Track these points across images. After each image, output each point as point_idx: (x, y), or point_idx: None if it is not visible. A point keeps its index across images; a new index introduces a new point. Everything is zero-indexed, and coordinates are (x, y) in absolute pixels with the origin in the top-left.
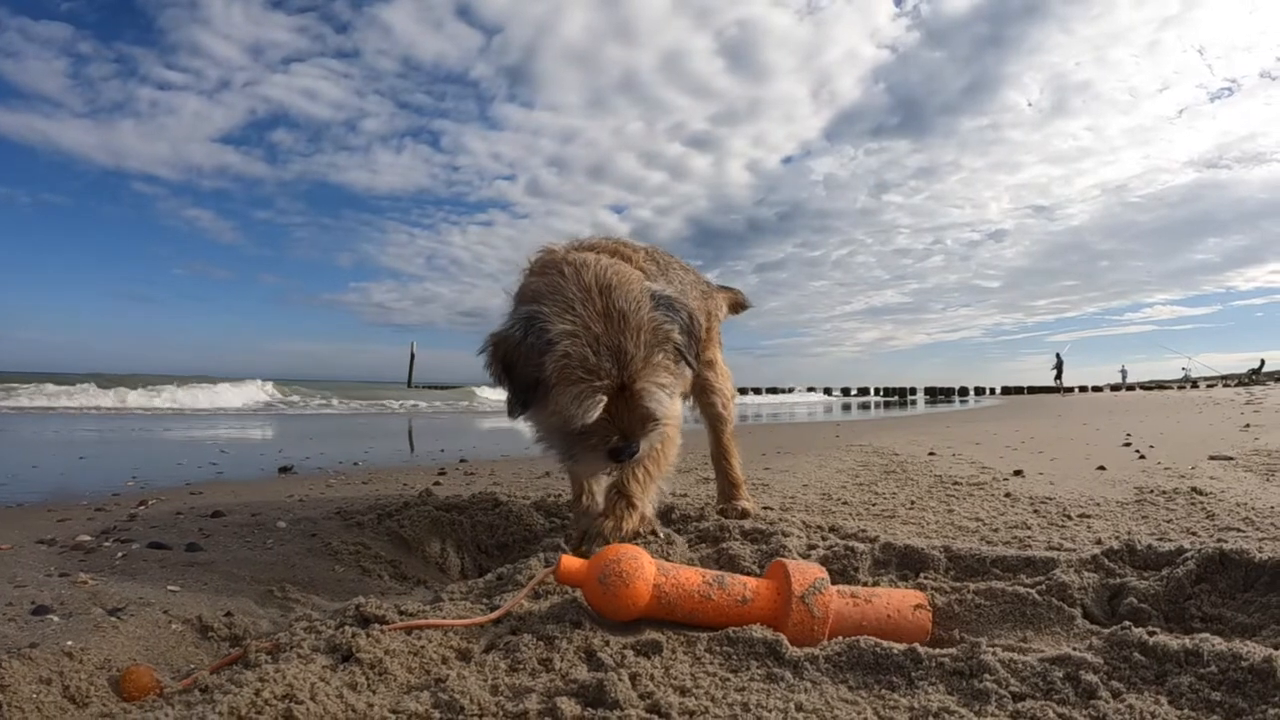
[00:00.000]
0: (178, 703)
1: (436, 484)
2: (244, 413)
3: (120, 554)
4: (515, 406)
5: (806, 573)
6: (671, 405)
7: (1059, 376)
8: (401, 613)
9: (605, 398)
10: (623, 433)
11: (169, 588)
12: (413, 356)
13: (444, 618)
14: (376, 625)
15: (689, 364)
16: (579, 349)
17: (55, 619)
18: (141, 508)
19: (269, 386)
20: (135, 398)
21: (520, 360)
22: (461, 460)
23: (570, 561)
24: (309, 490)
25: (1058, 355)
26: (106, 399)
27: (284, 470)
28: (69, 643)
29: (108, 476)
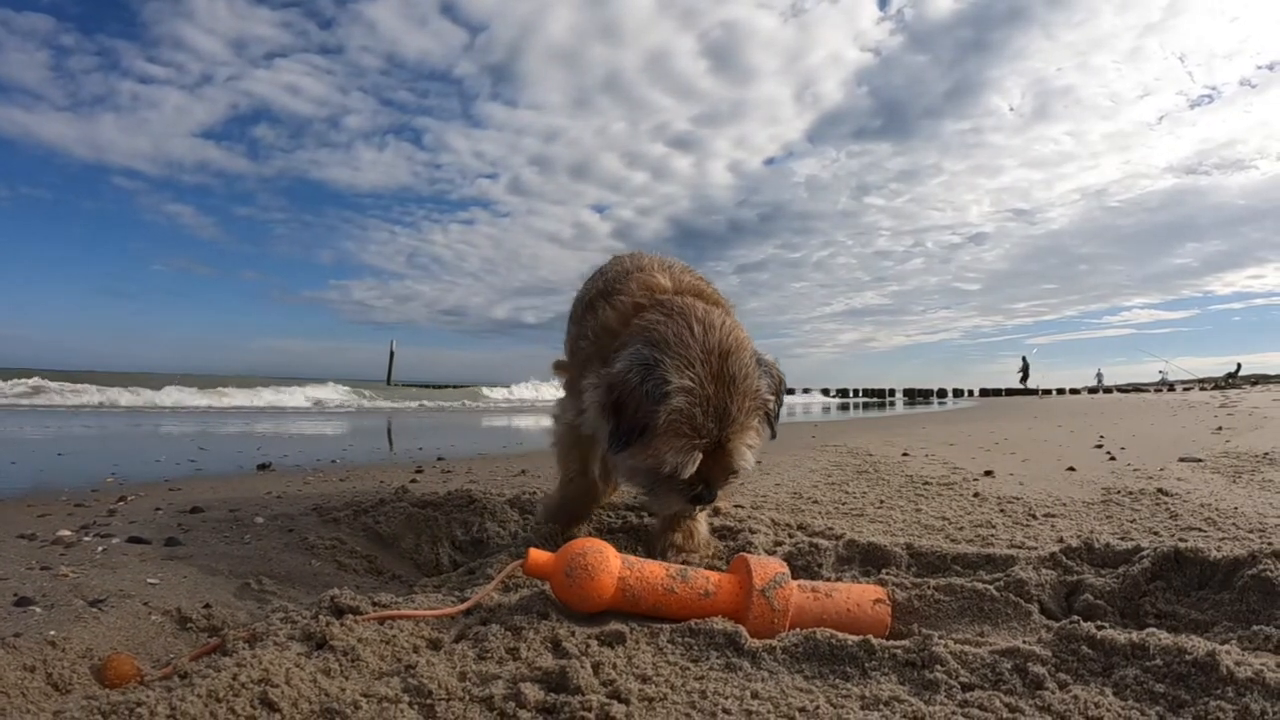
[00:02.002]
0: (158, 688)
1: (413, 481)
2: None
3: (100, 548)
4: (616, 442)
5: (767, 567)
6: (752, 461)
7: (1025, 379)
8: (375, 604)
9: (702, 455)
10: (706, 482)
11: (148, 580)
12: (392, 354)
13: (416, 609)
14: (350, 616)
15: (771, 427)
16: (690, 408)
17: (38, 610)
18: (121, 503)
19: (342, 388)
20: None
21: (632, 405)
22: (439, 459)
23: (538, 554)
24: (286, 487)
25: (1024, 358)
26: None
27: (262, 467)
28: (51, 632)
29: (87, 473)
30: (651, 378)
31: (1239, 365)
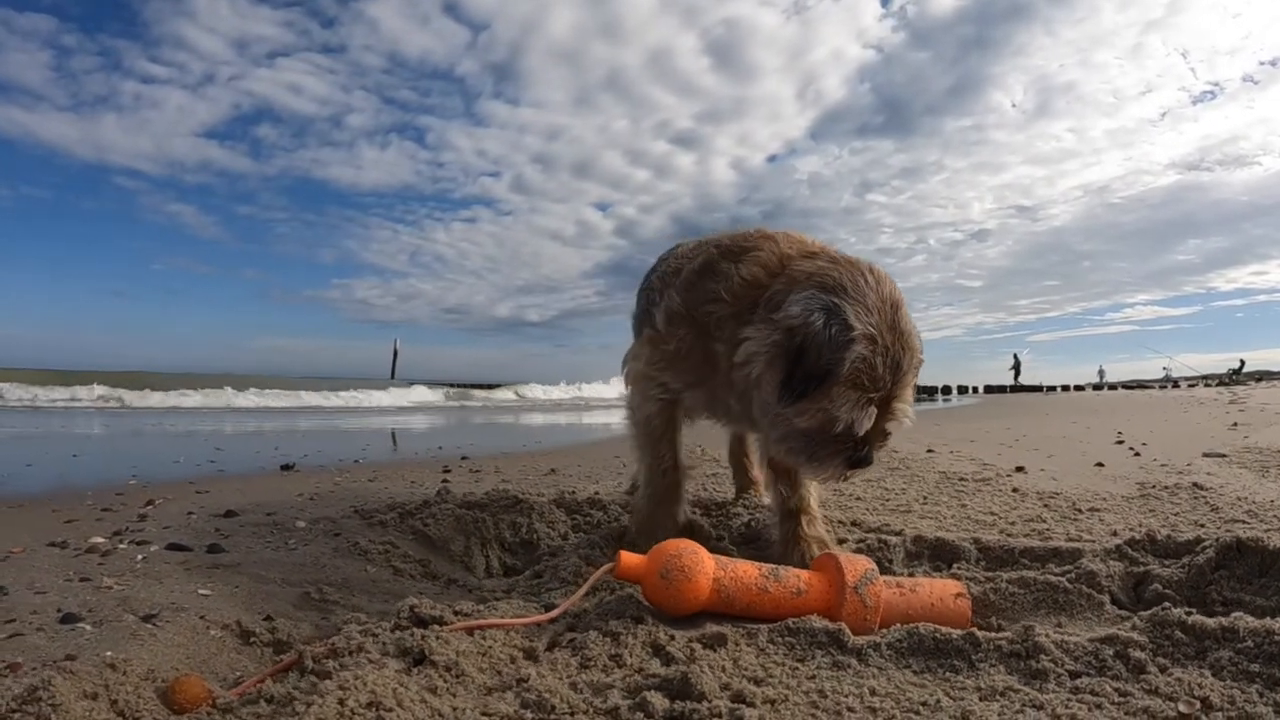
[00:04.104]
0: (247, 715)
1: (445, 481)
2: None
3: (140, 556)
4: (789, 393)
5: (856, 564)
6: (912, 419)
7: (1017, 376)
8: (456, 613)
9: (876, 410)
10: (866, 441)
11: (200, 592)
12: (396, 353)
13: (501, 617)
14: (435, 626)
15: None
16: (872, 356)
17: (87, 628)
18: (150, 507)
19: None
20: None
21: (814, 350)
22: (463, 458)
23: (630, 558)
24: (316, 488)
25: (1015, 356)
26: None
27: (286, 468)
28: (108, 653)
29: (106, 474)
30: (835, 321)
31: (1242, 362)
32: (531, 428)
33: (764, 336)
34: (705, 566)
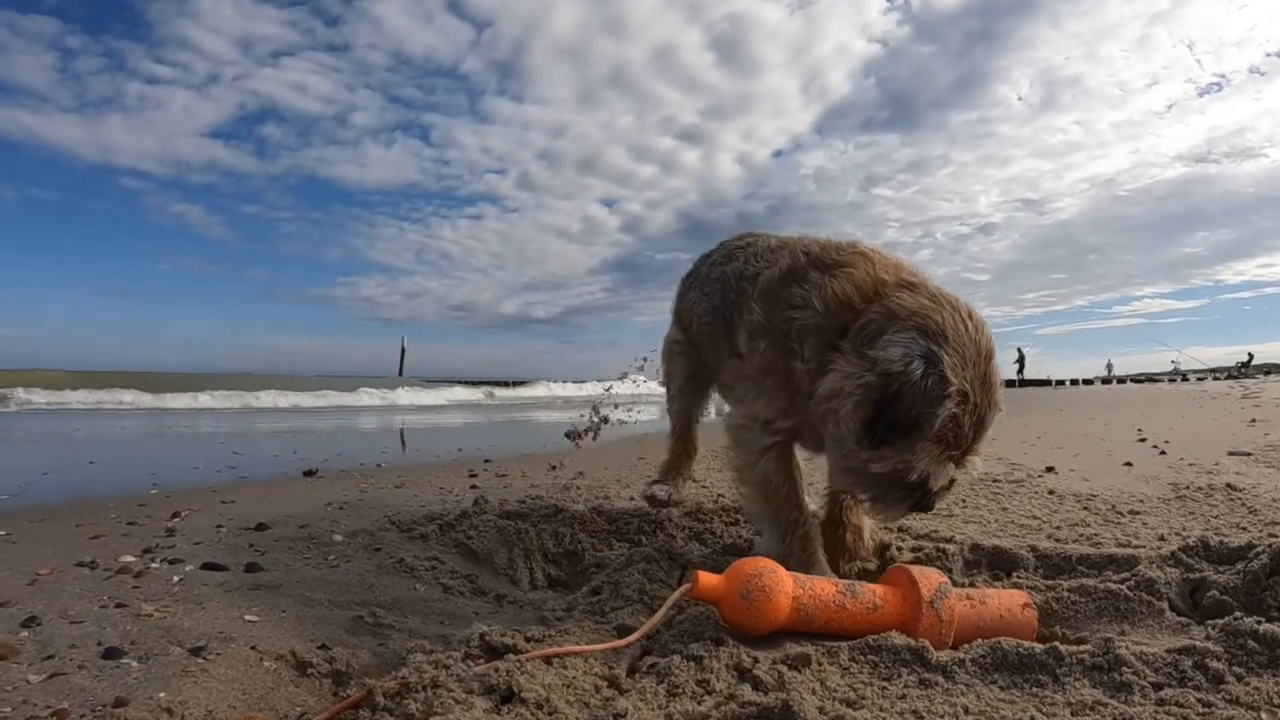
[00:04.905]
0: None
1: (474, 487)
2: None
3: (176, 578)
4: (868, 439)
5: (930, 578)
6: (981, 470)
7: (1021, 370)
8: (528, 639)
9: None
10: (933, 490)
11: (246, 618)
12: (403, 350)
13: (578, 643)
14: (511, 655)
15: None
16: (961, 414)
17: (133, 664)
18: (176, 520)
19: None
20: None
21: (908, 401)
22: (486, 461)
23: (708, 578)
24: (343, 495)
25: (1019, 350)
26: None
27: (309, 474)
28: (161, 694)
29: (126, 482)
30: (933, 373)
31: (1250, 355)
32: (551, 425)
33: (856, 375)
34: (785, 585)
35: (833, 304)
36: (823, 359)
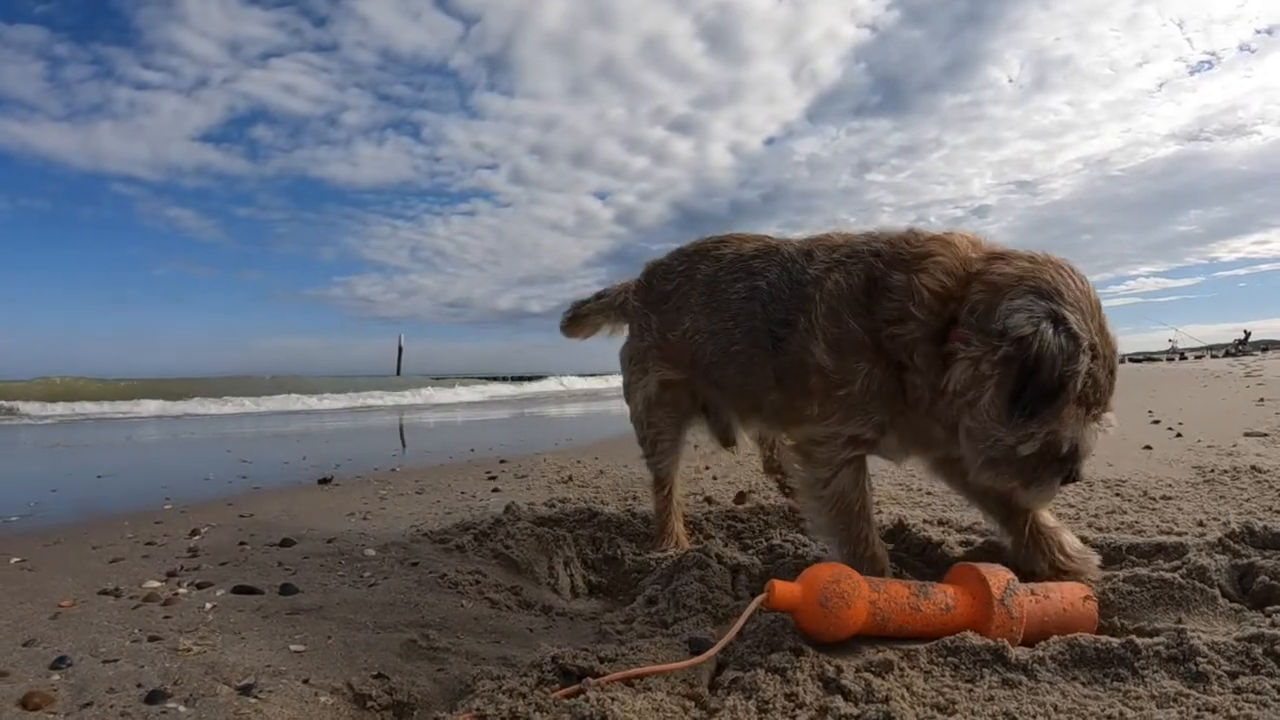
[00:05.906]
0: None
1: (495, 490)
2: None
3: (208, 604)
4: (1020, 410)
5: (999, 575)
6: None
7: None
8: (601, 659)
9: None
10: (1080, 457)
11: (291, 647)
12: (401, 348)
13: (653, 660)
14: (589, 679)
15: None
16: (1098, 368)
17: (180, 708)
18: (196, 537)
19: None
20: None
21: (1048, 363)
22: (501, 461)
23: (784, 587)
24: (363, 504)
25: None
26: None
27: (323, 481)
28: None
29: (138, 497)
30: (1063, 330)
31: (1247, 333)
32: (560, 420)
33: (988, 354)
34: (862, 590)
35: (932, 303)
36: (938, 359)
